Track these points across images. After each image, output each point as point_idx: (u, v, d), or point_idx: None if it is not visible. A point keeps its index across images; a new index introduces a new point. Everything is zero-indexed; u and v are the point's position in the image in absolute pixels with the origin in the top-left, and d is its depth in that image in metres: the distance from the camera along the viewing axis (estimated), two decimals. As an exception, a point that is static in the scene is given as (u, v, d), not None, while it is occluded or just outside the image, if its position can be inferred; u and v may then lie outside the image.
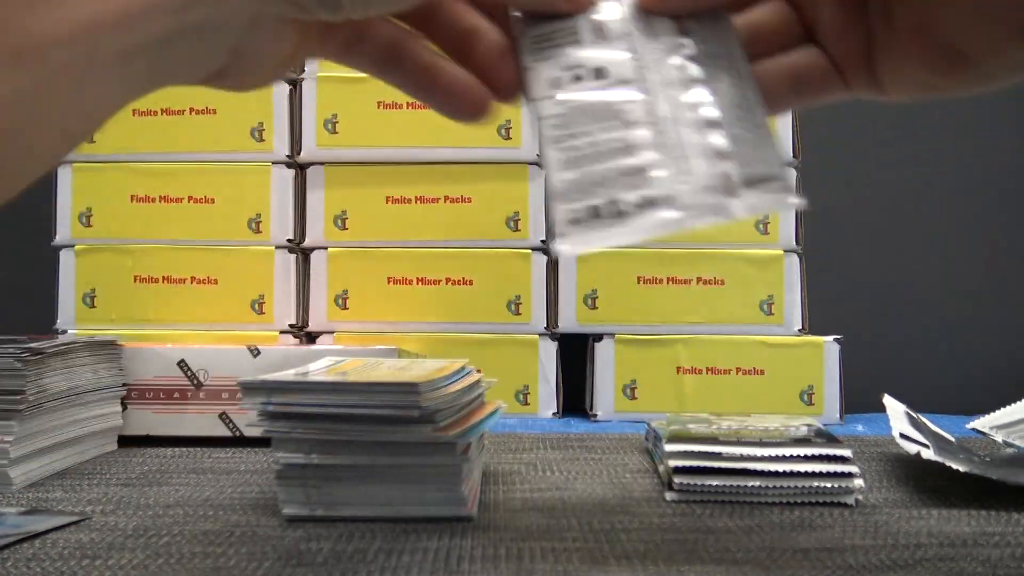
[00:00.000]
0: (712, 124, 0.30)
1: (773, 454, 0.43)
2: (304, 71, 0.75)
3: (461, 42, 0.31)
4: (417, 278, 0.74)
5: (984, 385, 0.83)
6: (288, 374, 0.41)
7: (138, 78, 0.26)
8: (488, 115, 0.32)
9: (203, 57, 0.27)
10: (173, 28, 0.25)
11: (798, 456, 0.43)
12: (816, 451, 0.43)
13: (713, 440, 0.44)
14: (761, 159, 0.29)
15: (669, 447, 0.44)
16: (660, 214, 0.28)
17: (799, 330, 0.73)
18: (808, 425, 0.48)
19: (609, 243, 0.28)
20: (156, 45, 0.25)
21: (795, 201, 0.29)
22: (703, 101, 0.30)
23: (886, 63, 0.31)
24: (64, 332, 0.73)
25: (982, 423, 0.58)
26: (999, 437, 0.53)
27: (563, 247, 0.29)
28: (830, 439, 0.44)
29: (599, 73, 0.31)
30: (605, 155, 0.30)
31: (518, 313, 0.74)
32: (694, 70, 0.31)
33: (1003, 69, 0.28)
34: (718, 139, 0.29)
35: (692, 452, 0.43)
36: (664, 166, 0.29)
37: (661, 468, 0.48)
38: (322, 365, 0.46)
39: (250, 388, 0.38)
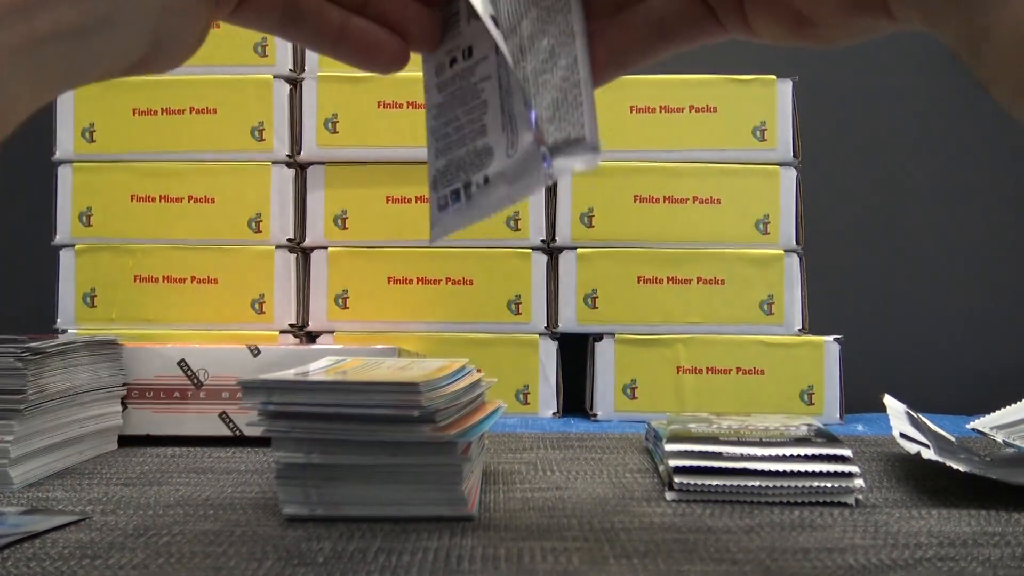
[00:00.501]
0: (542, 89, 0.30)
1: (773, 454, 0.43)
2: (305, 71, 0.75)
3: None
4: (417, 278, 0.74)
5: (984, 385, 0.83)
6: (288, 374, 0.41)
7: (48, 76, 0.25)
8: (404, 64, 0.32)
9: (122, 49, 0.27)
10: (78, 22, 0.24)
11: (798, 456, 0.43)
12: (816, 451, 0.43)
13: (713, 440, 0.44)
14: (574, 121, 0.29)
15: (669, 447, 0.44)
16: (495, 192, 0.30)
17: (799, 330, 0.73)
18: (808, 425, 0.48)
19: (463, 224, 0.30)
20: (63, 40, 0.24)
21: (592, 162, 0.29)
22: (540, 68, 0.30)
23: (751, 11, 0.31)
24: (64, 332, 0.73)
25: (982, 423, 0.58)
26: (999, 437, 0.53)
27: (434, 236, 0.31)
28: (830, 439, 0.44)
29: (468, 52, 0.31)
30: (467, 137, 0.31)
31: (518, 313, 0.74)
32: (537, 31, 0.31)
33: (842, 34, 0.29)
34: (543, 107, 0.30)
35: (692, 452, 0.43)
36: (499, 143, 0.30)
37: (661, 468, 0.48)
38: (322, 365, 0.46)
39: (250, 388, 0.38)
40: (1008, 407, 0.60)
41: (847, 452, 0.43)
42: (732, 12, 0.31)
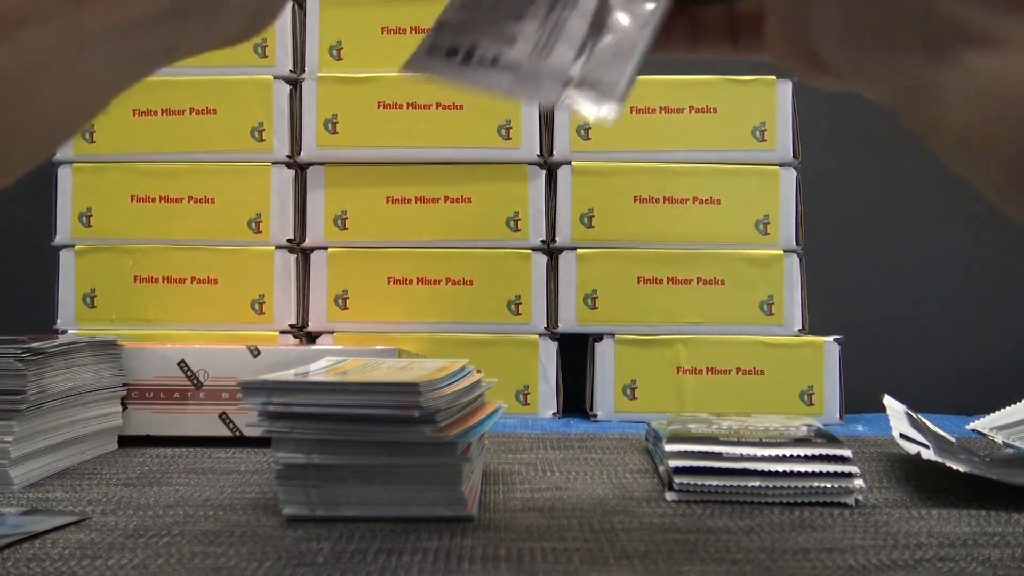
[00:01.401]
0: (598, 22, 0.29)
1: (773, 454, 0.43)
2: (305, 72, 0.75)
3: None
4: (417, 278, 0.74)
5: (984, 385, 0.82)
6: (288, 374, 0.41)
7: (145, 54, 0.24)
8: None
9: (222, 30, 0.26)
10: (177, 4, 0.23)
11: (798, 456, 0.43)
12: (817, 451, 0.43)
13: (713, 440, 0.44)
14: (612, 68, 0.28)
15: (669, 447, 0.44)
16: (497, 77, 0.28)
17: (799, 330, 0.73)
18: (808, 425, 0.48)
19: (444, 78, 0.29)
20: (163, 17, 0.23)
21: (609, 113, 0.28)
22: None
23: (769, 43, 0.30)
24: (64, 332, 0.73)
25: (982, 424, 0.58)
26: (999, 438, 0.53)
27: (407, 68, 0.29)
28: (830, 439, 0.44)
29: None
30: (498, 5, 0.30)
31: (518, 313, 0.74)
32: None
33: (858, 81, 0.28)
34: (592, 37, 0.29)
35: (692, 452, 0.43)
36: (528, 36, 0.29)
37: (661, 468, 0.48)
38: (322, 365, 0.46)
39: (250, 388, 0.38)
40: (1008, 407, 0.60)
41: (847, 452, 0.43)
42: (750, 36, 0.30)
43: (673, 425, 0.49)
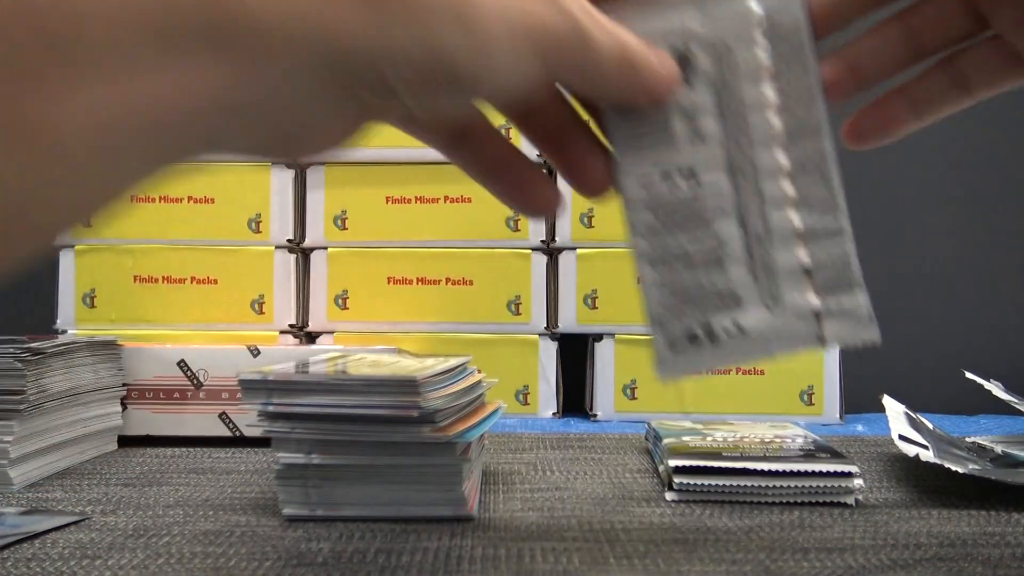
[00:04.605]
0: (798, 234, 0.29)
1: (781, 469, 0.42)
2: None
3: (554, 137, 0.31)
4: (417, 278, 0.74)
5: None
6: (288, 367, 0.41)
7: (166, 153, 0.23)
8: (553, 212, 0.31)
9: (246, 135, 0.24)
10: (210, 109, 0.22)
11: (804, 472, 0.42)
12: (823, 467, 0.42)
13: (716, 455, 0.44)
14: (846, 286, 0.29)
15: (673, 462, 0.44)
16: (756, 345, 0.29)
17: (799, 330, 0.73)
18: (804, 436, 0.48)
19: (707, 368, 0.29)
20: (190, 124, 0.22)
21: (872, 334, 0.29)
22: (789, 195, 0.30)
23: None
24: (64, 332, 0.73)
25: (981, 439, 0.58)
26: (999, 448, 0.53)
27: (664, 374, 0.29)
28: (834, 454, 0.44)
29: (690, 172, 0.30)
30: (699, 273, 0.29)
31: (518, 313, 0.74)
32: (780, 156, 0.30)
33: None
34: (803, 254, 0.29)
35: (699, 468, 0.43)
36: (749, 290, 0.29)
37: (661, 468, 0.48)
38: (322, 356, 0.46)
39: (249, 385, 0.38)
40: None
41: (853, 468, 0.42)
42: None
43: (668, 438, 0.49)
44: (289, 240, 0.74)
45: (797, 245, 0.29)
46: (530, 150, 0.34)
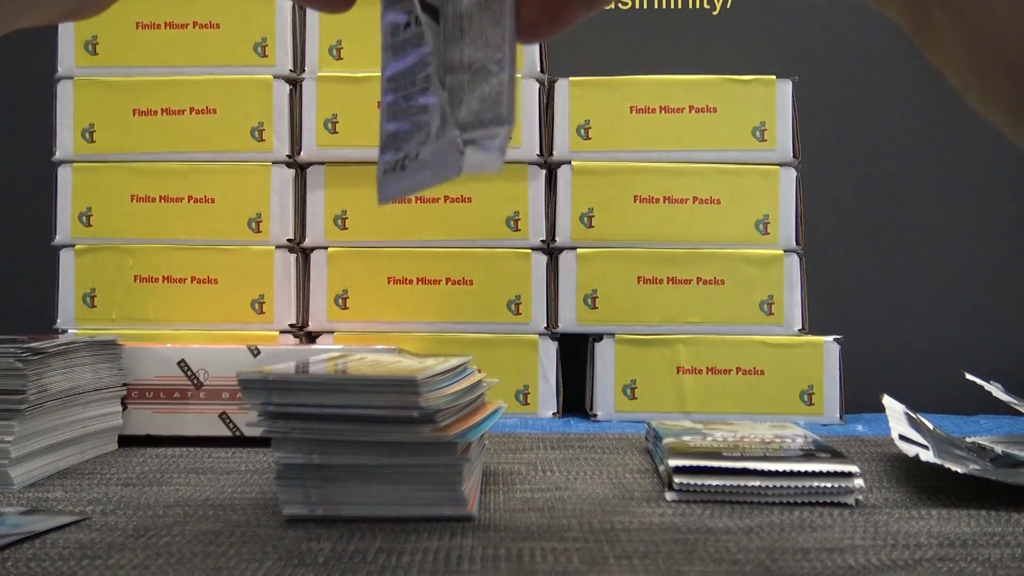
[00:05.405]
0: (468, 67, 0.30)
1: (782, 469, 0.42)
2: (305, 71, 0.75)
3: None
4: (417, 278, 0.74)
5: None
6: (289, 367, 0.41)
7: None
8: (347, 7, 0.32)
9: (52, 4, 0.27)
10: None
11: (804, 472, 0.42)
12: (824, 467, 0.43)
13: (717, 455, 0.44)
14: (491, 111, 0.29)
15: (673, 462, 0.44)
16: (422, 172, 0.30)
17: (799, 330, 0.73)
18: (804, 436, 0.48)
19: (402, 194, 0.31)
20: None
21: (495, 166, 0.29)
22: (467, 31, 0.30)
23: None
24: (64, 332, 0.73)
25: (981, 439, 0.58)
26: (999, 448, 0.53)
27: (380, 197, 0.31)
28: (834, 454, 0.44)
29: (417, 20, 0.31)
30: (413, 109, 0.31)
31: (518, 313, 0.74)
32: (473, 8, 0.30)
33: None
34: (473, 100, 0.30)
35: (699, 468, 0.43)
36: (434, 122, 0.30)
37: (661, 468, 0.48)
38: (322, 356, 0.46)
39: (249, 385, 0.38)
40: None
41: (854, 468, 0.42)
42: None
43: (668, 438, 0.49)
44: (289, 240, 0.74)
45: (464, 77, 0.30)
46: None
